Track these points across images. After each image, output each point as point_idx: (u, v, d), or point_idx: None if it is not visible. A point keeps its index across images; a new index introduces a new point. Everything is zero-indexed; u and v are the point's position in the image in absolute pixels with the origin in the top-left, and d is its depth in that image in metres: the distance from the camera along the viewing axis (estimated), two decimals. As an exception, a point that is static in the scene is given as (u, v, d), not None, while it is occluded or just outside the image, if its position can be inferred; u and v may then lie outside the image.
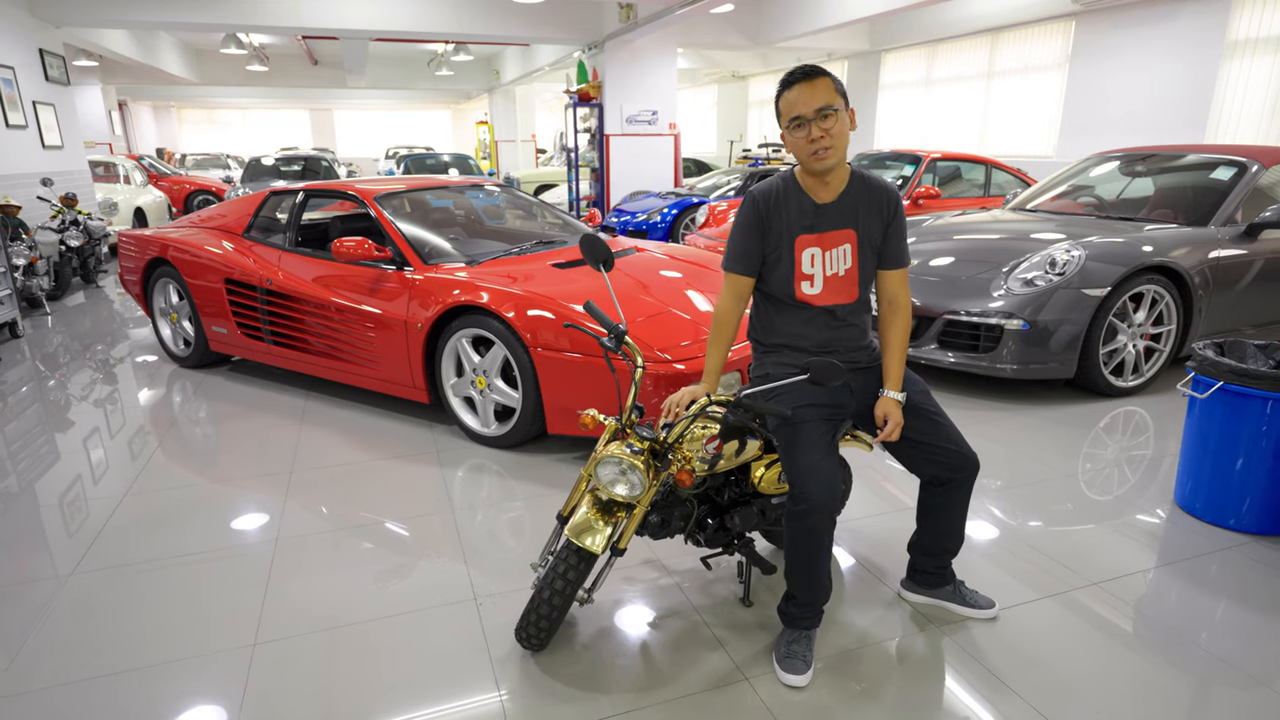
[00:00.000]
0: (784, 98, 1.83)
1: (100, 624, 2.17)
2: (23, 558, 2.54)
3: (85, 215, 7.24)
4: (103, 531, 2.71)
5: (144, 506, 2.90)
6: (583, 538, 1.86)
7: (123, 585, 2.37)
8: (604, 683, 1.92)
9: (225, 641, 2.09)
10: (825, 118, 1.78)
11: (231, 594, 2.32)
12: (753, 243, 1.95)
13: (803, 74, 1.80)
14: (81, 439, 3.58)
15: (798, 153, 1.85)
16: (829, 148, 1.80)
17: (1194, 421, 2.71)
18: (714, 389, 1.99)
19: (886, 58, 11.98)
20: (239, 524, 2.76)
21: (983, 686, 1.89)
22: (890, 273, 1.99)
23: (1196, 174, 4.57)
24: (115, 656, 2.03)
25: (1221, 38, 7.23)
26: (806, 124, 1.79)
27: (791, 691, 1.88)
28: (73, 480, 3.14)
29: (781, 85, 1.84)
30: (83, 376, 4.59)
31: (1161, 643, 2.06)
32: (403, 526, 2.73)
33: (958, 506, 2.05)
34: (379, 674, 1.96)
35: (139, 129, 22.26)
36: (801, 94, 1.78)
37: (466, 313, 3.34)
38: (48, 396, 4.23)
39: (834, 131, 1.79)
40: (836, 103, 1.79)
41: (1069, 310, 3.79)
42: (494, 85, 18.50)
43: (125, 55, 11.67)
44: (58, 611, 2.23)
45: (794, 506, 1.85)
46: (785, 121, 1.83)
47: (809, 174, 1.90)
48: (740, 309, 2.02)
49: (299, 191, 4.31)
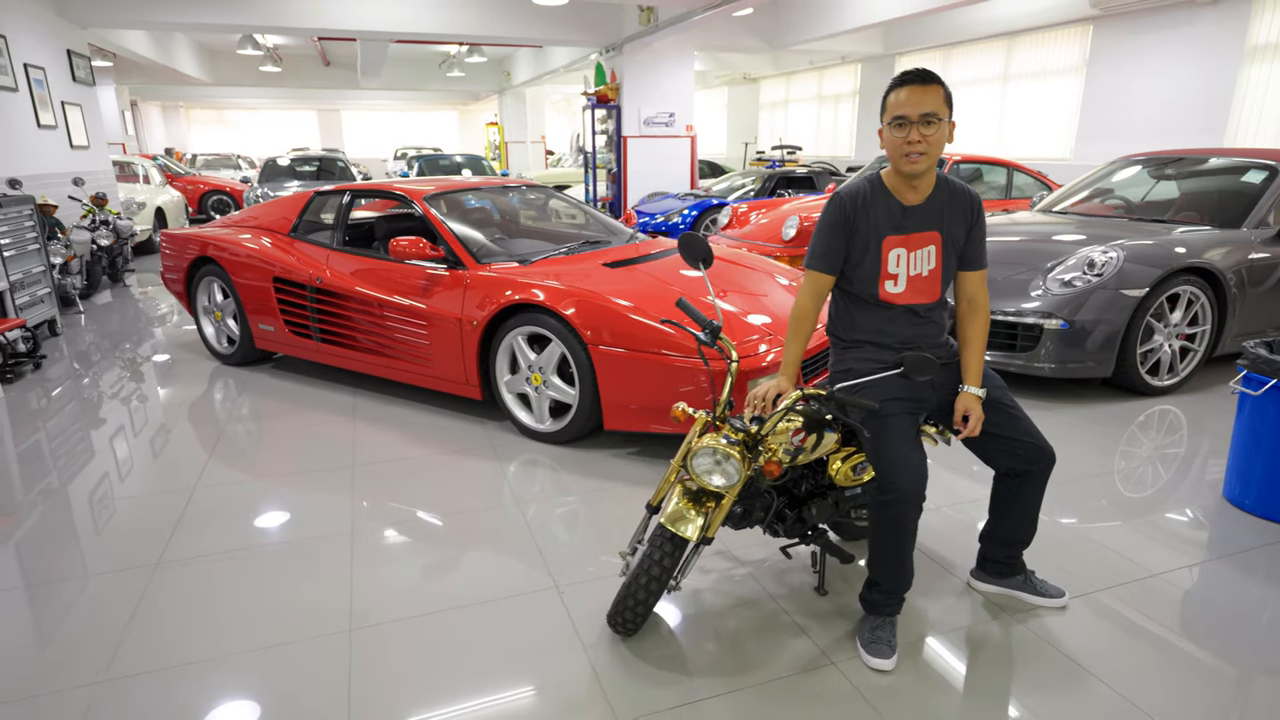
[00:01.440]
0: (893, 95, 1.89)
1: (194, 612, 2.24)
2: (110, 550, 2.60)
3: (115, 215, 7.31)
4: (179, 524, 2.77)
5: (215, 499, 2.96)
6: (678, 526, 1.93)
7: (208, 576, 2.44)
8: (695, 666, 1.98)
9: (322, 628, 2.15)
10: (928, 124, 1.84)
11: (318, 583, 2.38)
12: (837, 242, 2.01)
13: (917, 77, 1.86)
14: (139, 436, 3.65)
15: (891, 151, 1.91)
16: (923, 153, 1.86)
17: (1245, 418, 2.78)
18: (793, 382, 2.05)
19: (901, 61, 12.06)
20: (311, 516, 2.82)
21: (1062, 671, 1.96)
22: (970, 274, 2.06)
23: (1227, 177, 4.65)
24: (220, 641, 2.10)
25: (1241, 42, 7.30)
26: (908, 125, 1.85)
27: (878, 675, 1.95)
28: (139, 475, 3.20)
29: (895, 82, 1.89)
30: (128, 374, 4.66)
31: (1226, 631, 2.12)
32: (470, 519, 2.80)
33: (1032, 498, 2.12)
34: (476, 658, 2.03)
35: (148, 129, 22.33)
36: (911, 96, 1.85)
37: (522, 311, 3.41)
38: (97, 393, 4.29)
39: (932, 139, 1.85)
40: (942, 112, 1.85)
41: (1107, 310, 3.86)
42: (504, 86, 18.58)
43: (143, 55, 11.75)
44: (151, 599, 2.30)
45: (882, 496, 1.92)
46: (888, 118, 1.89)
47: (897, 176, 1.96)
48: (819, 305, 2.08)
49: (345, 192, 4.38)
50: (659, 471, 3.18)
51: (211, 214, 14.01)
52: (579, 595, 2.30)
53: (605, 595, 2.29)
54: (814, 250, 2.05)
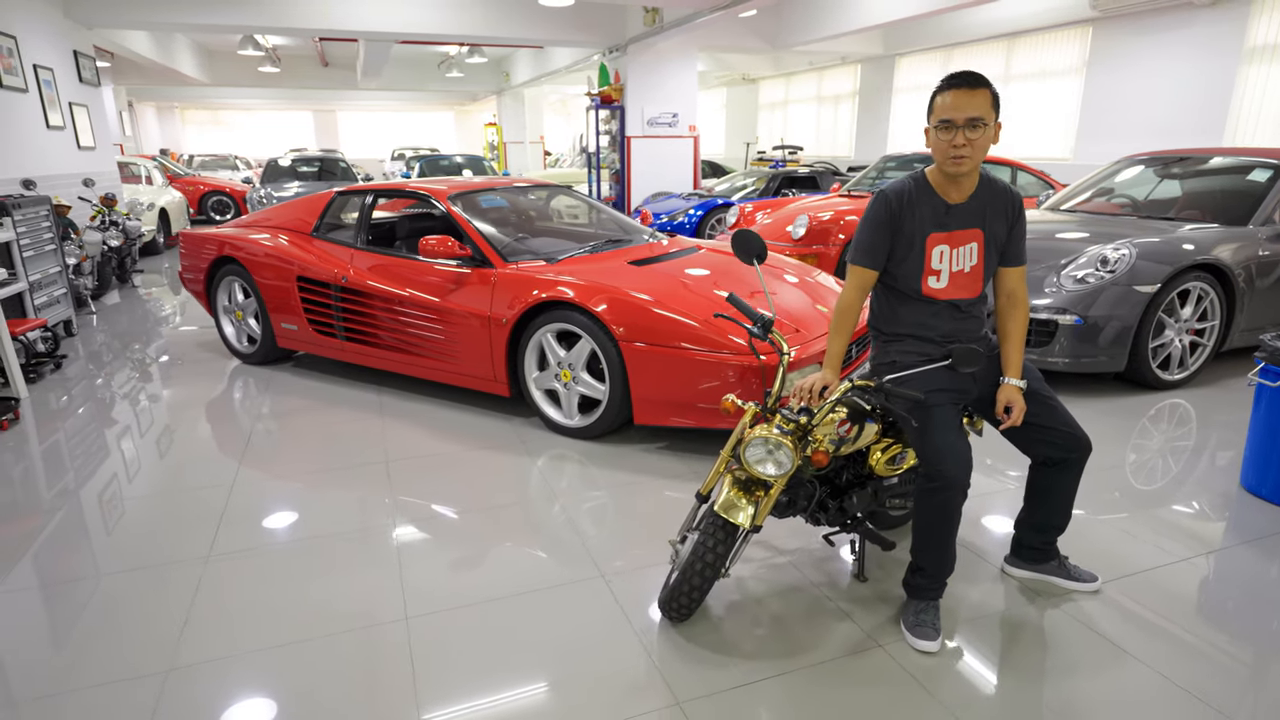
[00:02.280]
0: (940, 98, 1.94)
1: (248, 605, 2.29)
2: (158, 542, 2.65)
3: (125, 215, 7.32)
4: (223, 519, 2.82)
5: (254, 495, 3.01)
6: (730, 513, 2.00)
7: (259, 567, 2.48)
8: (747, 650, 2.05)
9: (379, 616, 2.21)
10: (973, 128, 1.90)
11: (369, 574, 2.43)
12: (881, 239, 2.08)
13: (964, 80, 1.90)
14: (171, 435, 3.69)
15: (937, 152, 1.97)
16: (967, 156, 1.93)
17: (1263, 409, 2.87)
18: (837, 374, 2.12)
19: (901, 61, 12.17)
20: (352, 510, 2.87)
21: (1101, 652, 2.04)
22: (1011, 270, 2.13)
23: (1232, 176, 4.75)
24: (278, 632, 2.15)
25: (1240, 44, 7.42)
26: (954, 129, 1.91)
27: (925, 657, 2.02)
28: (177, 472, 3.24)
29: (942, 84, 1.94)
30: (150, 373, 4.69)
31: (1254, 613, 2.20)
32: (509, 512, 2.85)
33: (1069, 486, 2.19)
34: (533, 645, 2.08)
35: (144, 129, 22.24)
36: (958, 100, 1.90)
37: (551, 308, 3.46)
38: (122, 393, 4.32)
39: (977, 143, 1.91)
40: (989, 117, 1.91)
41: (1119, 306, 3.95)
42: (503, 87, 18.61)
43: (144, 56, 11.74)
44: (207, 593, 2.35)
45: (929, 484, 1.99)
46: (934, 120, 1.95)
47: (942, 175, 2.03)
48: (862, 300, 2.15)
49: (367, 193, 4.42)
50: (688, 465, 3.25)
51: (211, 215, 13.99)
52: (624, 584, 2.36)
53: (650, 583, 2.35)
54: (859, 246, 2.11)
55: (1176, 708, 1.84)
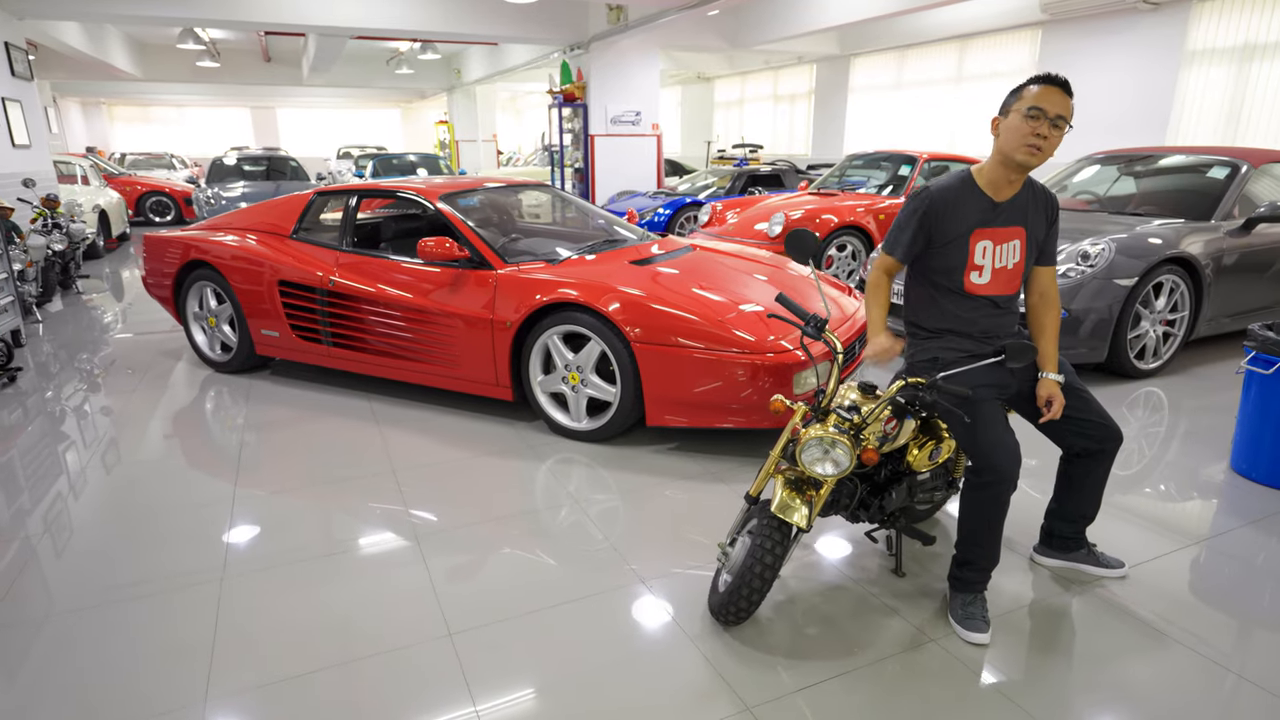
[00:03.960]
0: (1033, 88, 1.97)
1: (274, 625, 2.18)
2: (168, 559, 2.50)
3: (70, 218, 6.92)
4: (231, 534, 2.68)
5: (261, 509, 2.87)
6: (787, 514, 1.99)
7: (282, 585, 2.37)
8: (804, 651, 2.05)
9: (422, 633, 2.13)
10: (1056, 126, 1.95)
11: (401, 589, 2.34)
12: (916, 235, 2.10)
13: (1059, 82, 1.97)
14: (155, 449, 3.49)
15: (1013, 139, 1.97)
16: (1042, 149, 1.97)
17: (1253, 395, 3.01)
18: (883, 333, 2.13)
19: (856, 61, 12.40)
20: (370, 523, 2.76)
21: (1142, 634, 2.10)
22: (1043, 270, 2.18)
23: (1194, 174, 4.98)
24: (318, 653, 2.05)
25: (1180, 47, 7.80)
26: (1043, 119, 1.94)
27: (977, 649, 2.05)
28: (171, 488, 3.07)
29: (1037, 79, 1.99)
30: (117, 385, 4.43)
31: (1271, 590, 2.31)
32: (531, 518, 2.79)
33: (1101, 477, 2.26)
34: (588, 655, 2.04)
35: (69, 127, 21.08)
36: (1053, 96, 1.95)
37: (555, 310, 3.40)
38: (92, 407, 4.08)
39: (1052, 140, 1.96)
40: (1070, 119, 1.97)
41: (1099, 299, 4.10)
42: (454, 84, 18.28)
43: (75, 48, 11.10)
44: (230, 608, 2.22)
45: (978, 479, 2.02)
46: (1024, 106, 1.96)
47: (996, 171, 2.05)
48: (889, 279, 2.20)
49: (351, 193, 4.27)
50: (701, 465, 3.23)
51: (150, 216, 13.35)
52: (667, 589, 2.34)
53: (691, 587, 2.33)
54: (894, 239, 2.14)
55: (1218, 683, 1.91)
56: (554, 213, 4.94)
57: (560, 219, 4.85)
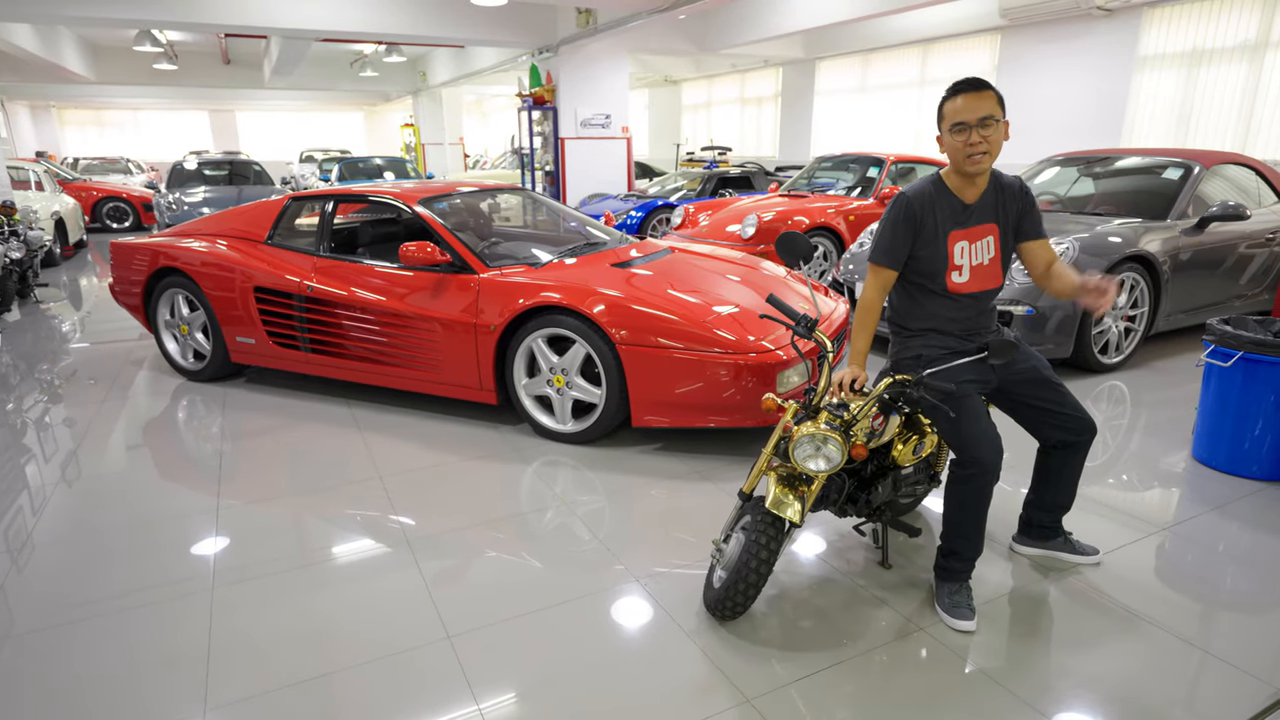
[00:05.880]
0: (950, 103, 2.05)
1: (275, 630, 2.17)
2: (154, 574, 2.46)
3: (29, 225, 6.72)
4: (218, 543, 2.65)
5: (247, 519, 2.84)
6: (781, 509, 2.04)
7: (276, 593, 2.35)
8: (798, 643, 2.10)
9: (421, 636, 2.13)
10: (986, 126, 2.02)
11: (396, 594, 2.34)
12: (903, 239, 2.17)
13: (970, 85, 2.02)
14: (131, 459, 3.43)
15: (954, 154, 2.08)
16: (985, 153, 2.04)
17: (1212, 387, 3.15)
18: (863, 370, 2.19)
19: (821, 65, 12.59)
20: (360, 530, 2.75)
21: (1118, 618, 2.20)
22: (1034, 243, 2.20)
23: (1149, 175, 5.17)
24: (323, 660, 2.04)
25: (1133, 52, 8.09)
26: (968, 129, 2.02)
27: (964, 636, 2.12)
28: (150, 500, 3.02)
29: (949, 92, 2.05)
30: (87, 396, 4.33)
31: (1234, 573, 2.43)
32: (521, 521, 2.81)
33: (1076, 467, 2.35)
34: (587, 654, 2.06)
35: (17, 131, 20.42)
36: (968, 103, 2.01)
37: (539, 314, 3.42)
38: (61, 419, 3.98)
39: (991, 139, 2.03)
40: (998, 114, 2.03)
41: (1065, 297, 4.23)
42: (420, 87, 18.11)
43: (26, 50, 10.79)
44: (225, 617, 2.20)
45: (963, 471, 2.09)
46: (948, 125, 2.05)
47: (959, 175, 2.13)
48: (884, 298, 2.24)
49: (328, 198, 4.23)
50: (687, 464, 3.28)
51: (107, 222, 13.02)
52: (659, 587, 2.37)
53: (684, 585, 2.37)
54: (880, 247, 2.20)
55: (1187, 660, 2.01)
56: (531, 216, 4.95)
57: (537, 222, 4.87)
